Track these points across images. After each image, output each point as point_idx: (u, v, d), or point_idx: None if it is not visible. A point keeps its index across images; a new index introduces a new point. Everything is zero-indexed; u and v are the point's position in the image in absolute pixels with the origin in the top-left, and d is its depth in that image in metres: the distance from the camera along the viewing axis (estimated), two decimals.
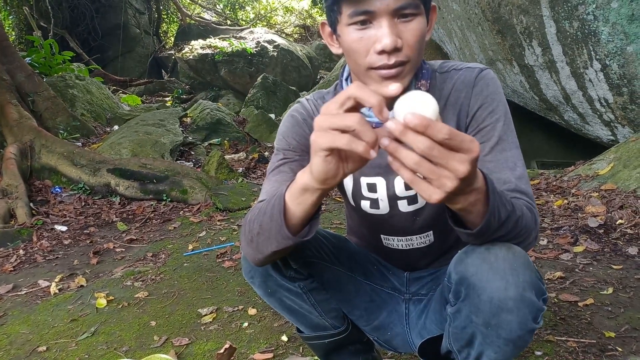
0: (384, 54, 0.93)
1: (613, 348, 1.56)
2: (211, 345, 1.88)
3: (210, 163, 5.08)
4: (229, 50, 10.23)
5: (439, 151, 0.67)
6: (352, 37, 0.95)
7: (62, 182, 4.60)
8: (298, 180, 0.83)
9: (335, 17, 0.98)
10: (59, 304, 2.47)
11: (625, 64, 3.17)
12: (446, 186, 0.70)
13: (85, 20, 11.80)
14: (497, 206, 0.81)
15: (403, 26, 0.93)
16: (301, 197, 0.84)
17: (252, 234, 0.94)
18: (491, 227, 0.83)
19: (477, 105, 1.04)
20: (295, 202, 0.85)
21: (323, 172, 0.76)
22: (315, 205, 0.85)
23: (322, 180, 0.78)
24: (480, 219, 0.81)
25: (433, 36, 5.84)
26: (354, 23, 0.94)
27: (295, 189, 0.84)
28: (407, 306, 1.27)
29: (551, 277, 2.11)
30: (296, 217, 0.86)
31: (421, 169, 0.69)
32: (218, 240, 3.24)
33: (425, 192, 0.71)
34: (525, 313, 0.84)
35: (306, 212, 0.85)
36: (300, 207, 0.85)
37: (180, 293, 2.43)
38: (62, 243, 3.53)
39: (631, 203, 2.68)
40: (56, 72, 7.35)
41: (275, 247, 0.91)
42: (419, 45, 0.96)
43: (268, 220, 0.89)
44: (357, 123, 0.70)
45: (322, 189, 0.81)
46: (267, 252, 0.93)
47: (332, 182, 0.78)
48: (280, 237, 0.88)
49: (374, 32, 0.93)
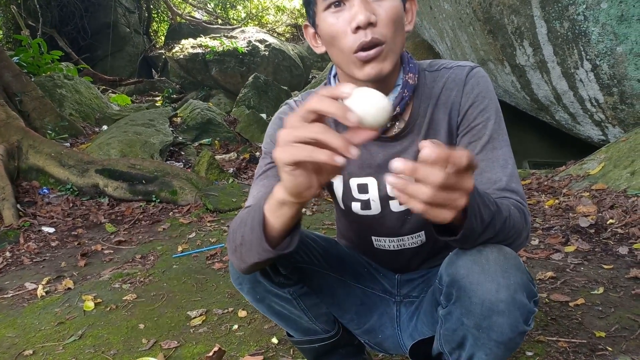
0: (359, 30, 0.93)
1: (603, 348, 1.56)
2: (200, 348, 1.86)
3: (200, 163, 5.05)
4: (220, 50, 10.19)
5: (454, 179, 0.66)
6: (329, 22, 0.96)
7: (50, 183, 4.55)
8: (274, 195, 0.81)
9: (313, 10, 1.00)
10: (46, 306, 2.43)
11: (615, 64, 3.18)
12: (460, 205, 0.69)
13: (74, 19, 11.70)
14: (478, 206, 0.79)
15: (376, 4, 0.94)
16: (279, 211, 0.82)
17: (235, 244, 0.93)
18: (475, 229, 0.81)
19: (468, 103, 1.03)
20: (273, 215, 0.83)
21: (294, 186, 0.74)
22: (294, 218, 0.83)
23: (295, 195, 0.76)
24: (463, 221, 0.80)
25: (425, 36, 5.84)
26: (328, 7, 0.95)
27: (272, 202, 0.82)
28: (398, 308, 1.26)
29: (542, 277, 2.10)
30: (276, 229, 0.84)
31: (435, 199, 0.67)
32: (208, 241, 3.21)
33: (439, 217, 0.70)
34: (516, 315, 0.84)
35: (285, 225, 0.84)
36: (279, 220, 0.83)
37: (169, 295, 2.41)
38: (49, 245, 3.49)
39: (622, 203, 2.69)
40: (44, 72, 7.28)
41: (256, 259, 0.89)
42: (395, 24, 0.95)
43: (249, 232, 0.88)
44: (318, 133, 0.68)
45: (299, 202, 0.79)
46: (250, 263, 0.92)
47: (308, 195, 0.76)
48: (261, 249, 0.86)
49: (348, 12, 0.94)
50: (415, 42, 6.22)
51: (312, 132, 0.68)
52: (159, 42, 15.05)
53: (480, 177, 0.98)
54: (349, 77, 1.01)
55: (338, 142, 0.67)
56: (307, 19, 1.06)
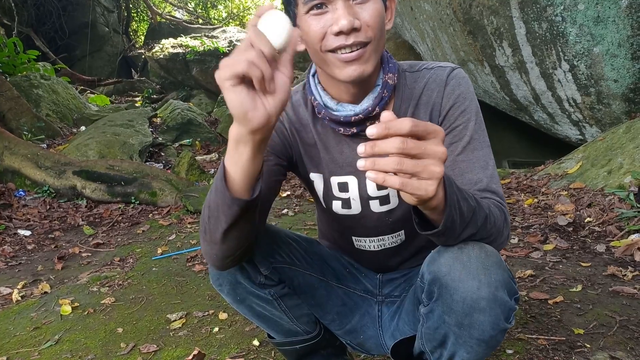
0: (341, 34, 0.92)
1: (582, 345, 1.58)
2: (180, 351, 1.83)
3: (180, 164, 5.00)
4: (200, 50, 10.10)
5: (413, 143, 0.67)
6: (309, 24, 0.95)
7: (26, 185, 4.45)
8: (230, 135, 0.79)
9: (293, 11, 0.98)
10: (22, 311, 2.37)
11: (592, 65, 3.23)
12: (436, 172, 0.70)
13: (51, 18, 11.50)
14: (457, 197, 0.79)
15: (359, 7, 0.93)
16: (236, 154, 0.79)
17: (204, 224, 0.90)
18: (455, 220, 0.81)
19: (449, 104, 1.04)
20: (232, 161, 0.80)
21: (238, 105, 0.72)
22: (252, 162, 0.79)
23: (243, 119, 0.73)
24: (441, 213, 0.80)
25: (405, 37, 5.87)
26: (309, 10, 0.94)
27: (229, 145, 0.80)
28: (380, 308, 1.25)
29: (522, 275, 2.12)
30: (237, 179, 0.81)
31: (405, 166, 0.68)
32: (188, 243, 3.17)
33: (420, 189, 0.70)
34: (497, 313, 0.84)
35: (245, 172, 0.80)
36: (237, 166, 0.80)
37: (148, 298, 2.37)
38: (25, 248, 3.41)
39: (599, 201, 2.73)
40: (20, 72, 7.15)
41: (224, 223, 0.85)
42: (378, 26, 0.95)
43: (214, 196, 0.85)
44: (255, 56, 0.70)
45: (252, 137, 0.76)
46: (219, 236, 0.87)
47: (257, 122, 0.74)
48: (226, 206, 0.82)
49: (330, 16, 0.93)
50: (397, 42, 6.24)
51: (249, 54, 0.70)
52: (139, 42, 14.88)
53: (461, 178, 0.99)
54: (330, 76, 1.00)
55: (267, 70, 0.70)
56: None
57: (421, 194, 0.70)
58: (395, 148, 0.67)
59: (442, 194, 0.77)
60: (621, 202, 2.63)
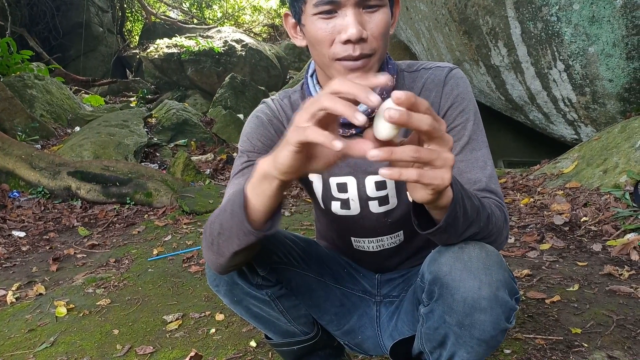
0: (349, 43, 0.91)
1: (579, 344, 1.58)
2: (177, 353, 1.82)
3: (176, 165, 4.98)
4: (195, 50, 10.06)
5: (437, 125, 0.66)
6: (317, 26, 0.94)
7: (20, 186, 4.42)
8: (258, 168, 0.79)
9: (300, 7, 0.97)
10: (16, 313, 2.35)
11: (588, 65, 3.24)
12: (449, 159, 0.68)
13: (45, 18, 11.43)
14: (462, 195, 0.79)
15: (368, 16, 0.92)
16: (260, 187, 0.79)
17: (212, 236, 0.90)
18: (458, 218, 0.80)
19: (447, 104, 1.03)
20: (254, 192, 0.80)
21: (288, 165, 0.72)
22: (275, 197, 0.80)
23: (283, 172, 0.74)
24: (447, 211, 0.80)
25: (401, 37, 5.88)
26: (318, 13, 0.93)
27: (255, 177, 0.80)
28: (378, 309, 1.25)
29: (519, 275, 2.12)
30: (257, 210, 0.81)
31: (422, 154, 0.66)
32: (184, 244, 3.16)
33: (437, 178, 0.68)
34: (498, 313, 0.83)
35: (266, 205, 0.81)
36: (259, 198, 0.80)
37: (144, 300, 2.35)
38: (19, 249, 3.39)
39: (595, 200, 2.74)
40: (14, 72, 7.10)
41: (237, 246, 0.86)
42: (384, 37, 0.95)
43: (229, 218, 0.84)
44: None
45: (281, 179, 0.76)
46: (229, 254, 0.88)
47: (293, 176, 0.75)
48: (242, 233, 0.83)
49: (339, 21, 0.92)
50: (392, 42, 6.25)
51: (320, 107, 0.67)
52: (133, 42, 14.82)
53: (460, 178, 0.98)
54: (330, 79, 0.99)
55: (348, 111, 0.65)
56: (290, 9, 1.02)
57: (438, 183, 0.68)
58: (428, 125, 0.65)
59: (451, 190, 0.76)
60: (617, 202, 2.64)
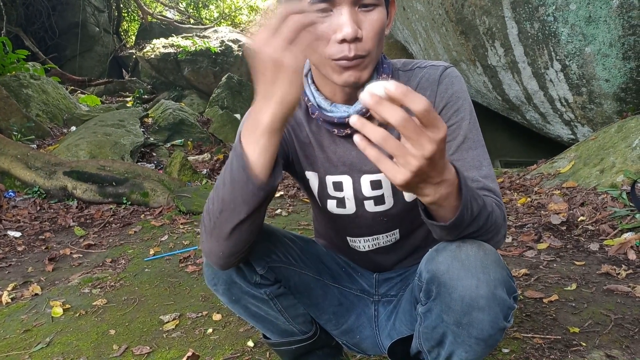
0: (344, 43, 0.91)
1: (577, 343, 1.58)
2: (174, 353, 1.81)
3: (172, 164, 4.96)
4: (192, 50, 10.04)
5: (412, 125, 0.66)
6: None
7: (16, 185, 4.40)
8: (259, 125, 0.81)
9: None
10: (12, 313, 2.34)
11: (584, 65, 3.25)
12: (411, 165, 0.69)
13: (41, 17, 11.37)
14: (470, 200, 0.80)
15: (363, 16, 0.92)
16: (265, 142, 0.81)
17: (214, 218, 0.89)
18: (464, 221, 0.81)
19: (442, 103, 1.03)
20: (259, 151, 0.82)
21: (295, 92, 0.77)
22: (275, 147, 0.82)
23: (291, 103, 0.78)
24: (453, 213, 0.80)
25: (398, 37, 5.88)
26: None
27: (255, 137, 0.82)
28: (376, 308, 1.24)
29: (516, 275, 2.13)
30: (261, 168, 0.82)
31: (387, 145, 0.68)
32: (181, 244, 3.15)
33: (390, 172, 0.70)
34: (496, 311, 0.83)
35: (267, 159, 0.82)
36: (263, 154, 0.82)
37: (141, 300, 2.34)
38: (15, 249, 3.37)
39: (592, 200, 2.74)
40: (9, 71, 7.06)
41: (244, 213, 0.85)
42: (379, 37, 0.94)
43: (229, 189, 0.85)
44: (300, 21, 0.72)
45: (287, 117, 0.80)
46: (229, 230, 0.88)
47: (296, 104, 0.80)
48: (249, 194, 0.83)
49: (335, 20, 0.91)
50: (389, 42, 6.25)
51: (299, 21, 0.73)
52: (130, 42, 14.76)
53: None
54: (325, 78, 0.99)
55: None
56: None
57: (389, 176, 0.71)
58: (395, 120, 0.66)
59: (455, 194, 0.77)
60: (614, 201, 2.65)
